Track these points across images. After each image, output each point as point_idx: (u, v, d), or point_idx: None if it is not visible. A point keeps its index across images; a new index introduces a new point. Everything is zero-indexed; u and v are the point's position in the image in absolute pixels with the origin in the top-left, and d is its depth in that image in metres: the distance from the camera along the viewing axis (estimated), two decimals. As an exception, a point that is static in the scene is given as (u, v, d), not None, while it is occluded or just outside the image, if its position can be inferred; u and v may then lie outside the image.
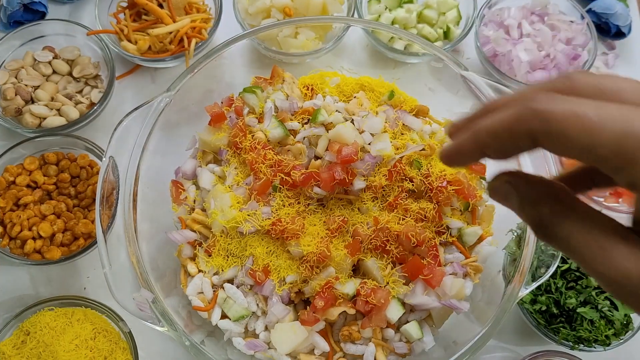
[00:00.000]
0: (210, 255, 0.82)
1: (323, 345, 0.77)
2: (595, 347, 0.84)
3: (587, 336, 0.83)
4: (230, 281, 0.80)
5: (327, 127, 0.86)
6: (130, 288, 0.75)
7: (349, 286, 0.77)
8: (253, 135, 0.84)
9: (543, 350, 0.87)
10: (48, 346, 0.80)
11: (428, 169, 0.82)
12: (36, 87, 0.99)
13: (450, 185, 0.81)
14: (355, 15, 1.06)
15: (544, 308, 0.85)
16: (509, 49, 1.04)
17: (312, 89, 0.91)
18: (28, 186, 0.92)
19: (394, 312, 0.76)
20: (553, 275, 0.85)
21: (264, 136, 0.84)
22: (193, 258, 0.84)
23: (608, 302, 0.84)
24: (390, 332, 0.78)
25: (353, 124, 0.84)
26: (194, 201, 0.86)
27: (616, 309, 0.84)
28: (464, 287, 0.79)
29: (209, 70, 0.88)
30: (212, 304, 0.79)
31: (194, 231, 0.84)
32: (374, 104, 0.89)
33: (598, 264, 0.30)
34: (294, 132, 0.86)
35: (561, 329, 0.84)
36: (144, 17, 1.04)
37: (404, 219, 0.80)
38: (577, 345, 0.84)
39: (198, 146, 0.89)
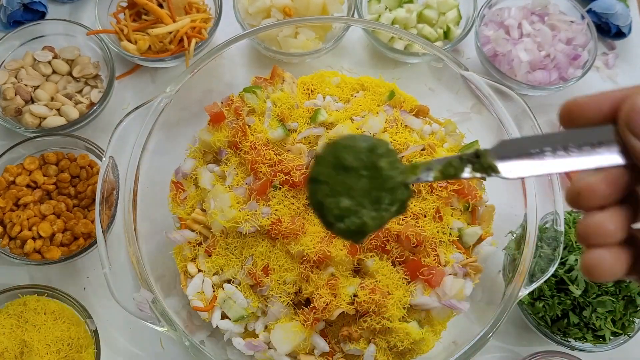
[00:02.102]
0: (210, 255, 0.81)
1: (323, 345, 0.77)
2: (609, 342, 0.84)
3: (599, 324, 0.82)
4: (230, 281, 0.80)
5: (327, 127, 0.86)
6: (130, 288, 0.75)
7: (350, 286, 0.77)
8: (253, 135, 0.84)
9: (543, 350, 0.87)
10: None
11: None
12: (36, 87, 0.99)
13: (450, 185, 0.81)
14: (355, 15, 1.06)
15: (558, 313, 0.84)
16: (509, 49, 1.04)
17: (312, 89, 0.91)
18: (28, 186, 0.92)
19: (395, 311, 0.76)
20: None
21: (264, 136, 0.84)
22: (193, 258, 0.84)
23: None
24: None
25: (353, 123, 0.84)
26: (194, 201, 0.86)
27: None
28: (464, 287, 0.79)
29: (209, 70, 0.88)
30: (212, 304, 0.79)
31: (194, 231, 0.84)
32: (374, 104, 0.89)
33: None
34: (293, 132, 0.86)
35: (572, 321, 0.83)
36: (143, 17, 1.04)
37: (404, 219, 0.80)
38: (597, 340, 0.83)
39: (198, 146, 0.89)
